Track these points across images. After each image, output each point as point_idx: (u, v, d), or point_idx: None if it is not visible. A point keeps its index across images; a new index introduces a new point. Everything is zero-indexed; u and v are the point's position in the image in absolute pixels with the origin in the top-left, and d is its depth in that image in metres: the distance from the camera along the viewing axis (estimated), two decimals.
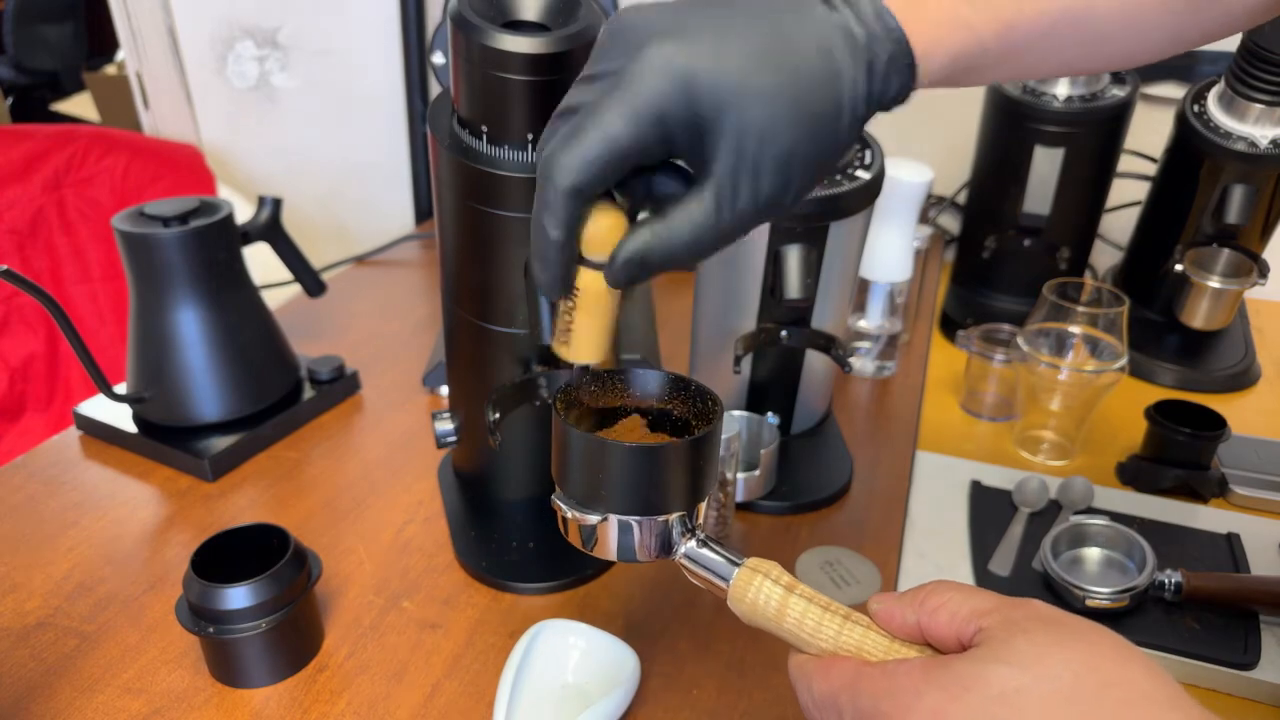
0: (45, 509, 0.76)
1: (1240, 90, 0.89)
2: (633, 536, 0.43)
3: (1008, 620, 0.34)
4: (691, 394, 0.46)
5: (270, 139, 1.49)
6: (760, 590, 0.40)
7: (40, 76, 3.28)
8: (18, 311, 1.44)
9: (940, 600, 0.36)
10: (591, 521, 0.43)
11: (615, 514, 0.43)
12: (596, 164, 0.37)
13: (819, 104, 0.37)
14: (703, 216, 0.38)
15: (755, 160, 0.36)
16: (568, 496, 0.44)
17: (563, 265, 0.40)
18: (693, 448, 0.42)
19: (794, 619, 0.39)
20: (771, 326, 0.75)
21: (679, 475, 0.42)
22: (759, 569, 0.41)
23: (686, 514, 0.44)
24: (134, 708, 0.58)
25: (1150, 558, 0.68)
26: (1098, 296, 0.83)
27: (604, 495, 0.42)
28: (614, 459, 0.41)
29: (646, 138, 0.36)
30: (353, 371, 0.93)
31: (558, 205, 0.37)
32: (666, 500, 0.42)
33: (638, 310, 1.06)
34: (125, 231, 0.77)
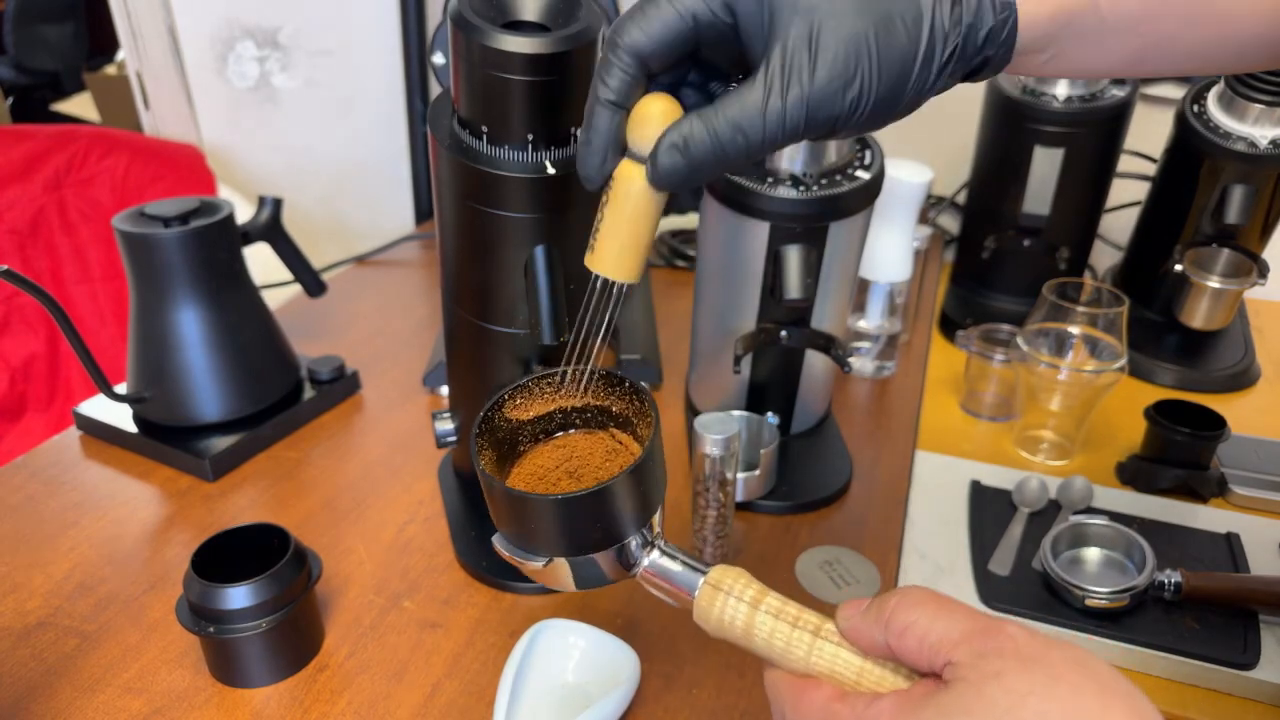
0: (46, 509, 0.76)
1: (1240, 90, 0.90)
2: (587, 569, 0.40)
3: (979, 655, 0.31)
4: (626, 390, 0.43)
5: (271, 139, 1.49)
6: (725, 607, 0.38)
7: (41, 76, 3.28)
8: (18, 311, 1.44)
9: (906, 621, 0.34)
10: (536, 566, 0.40)
11: (566, 556, 0.39)
12: (662, 29, 0.36)
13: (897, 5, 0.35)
14: (753, 95, 0.36)
15: (814, 39, 0.35)
16: (507, 540, 0.41)
17: (605, 140, 0.38)
18: (631, 477, 0.38)
19: (762, 637, 0.37)
20: (771, 326, 0.75)
21: (623, 506, 0.39)
22: (721, 585, 0.38)
23: (643, 531, 0.40)
24: (134, 707, 0.58)
25: (1150, 557, 0.68)
26: (1097, 296, 0.83)
27: (543, 543, 0.39)
28: (543, 512, 0.38)
29: (717, 8, 0.36)
30: (353, 371, 0.93)
31: (616, 63, 0.37)
32: (614, 533, 0.39)
33: (638, 310, 1.06)
34: (126, 232, 0.77)
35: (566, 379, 0.44)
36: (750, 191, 0.68)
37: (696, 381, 0.86)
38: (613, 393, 0.44)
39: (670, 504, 0.78)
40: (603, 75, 0.37)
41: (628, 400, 0.43)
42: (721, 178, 0.69)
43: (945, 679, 0.32)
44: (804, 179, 0.68)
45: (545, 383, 0.44)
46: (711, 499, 0.65)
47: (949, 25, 0.36)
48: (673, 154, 0.37)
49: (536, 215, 0.55)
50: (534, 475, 0.43)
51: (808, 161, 0.68)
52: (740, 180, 0.68)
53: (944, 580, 0.71)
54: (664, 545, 0.41)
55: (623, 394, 0.43)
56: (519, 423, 0.43)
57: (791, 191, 0.67)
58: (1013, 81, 0.99)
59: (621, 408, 0.43)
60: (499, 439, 0.43)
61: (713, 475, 0.64)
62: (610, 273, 0.40)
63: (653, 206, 0.39)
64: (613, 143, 0.38)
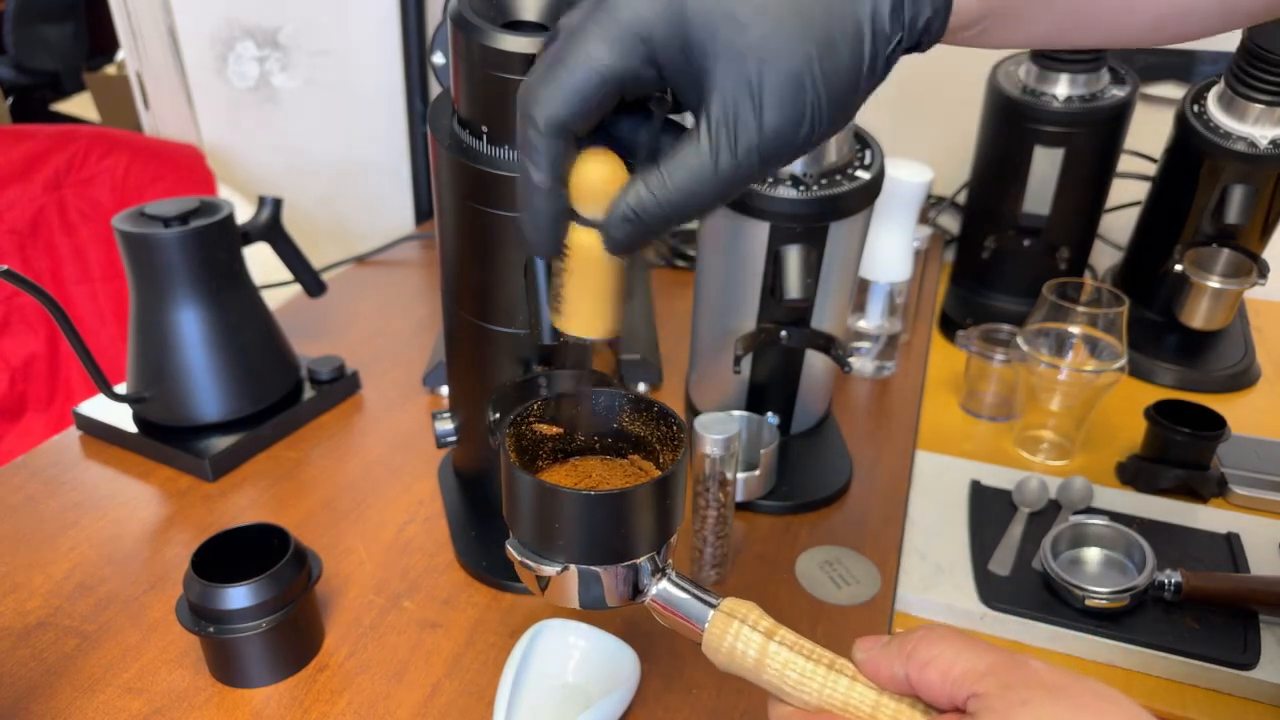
0: (46, 509, 0.76)
1: (1240, 90, 0.90)
2: (598, 585, 0.39)
3: (1006, 685, 0.31)
4: (655, 415, 0.42)
5: (270, 139, 1.49)
6: (738, 637, 0.37)
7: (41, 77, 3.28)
8: (18, 311, 1.44)
9: (929, 655, 0.33)
10: (549, 573, 0.39)
11: (575, 564, 0.39)
12: (578, 92, 0.32)
13: (831, 17, 0.32)
14: (700, 157, 0.33)
15: (754, 85, 0.32)
16: (521, 544, 0.40)
17: (549, 218, 0.35)
18: (658, 488, 0.38)
19: (775, 670, 0.36)
20: (771, 326, 0.75)
21: (644, 518, 0.38)
22: (735, 614, 0.38)
23: (655, 553, 0.40)
24: (134, 707, 0.58)
25: (1150, 557, 0.68)
26: (1097, 296, 0.83)
27: (561, 545, 0.38)
28: (570, 508, 0.38)
29: (632, 61, 0.32)
30: (353, 371, 0.93)
31: (539, 143, 0.33)
32: (632, 545, 0.39)
33: (638, 310, 1.06)
34: (126, 232, 0.77)
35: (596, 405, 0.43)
36: (750, 191, 0.68)
37: (696, 381, 0.86)
38: (639, 417, 0.43)
39: None
40: (529, 156, 0.34)
41: (653, 425, 0.43)
42: None
43: (969, 711, 0.32)
44: (804, 179, 0.68)
45: (576, 402, 0.43)
46: (711, 499, 0.65)
47: (890, 27, 0.34)
48: (626, 226, 0.34)
49: None
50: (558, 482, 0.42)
51: (808, 161, 0.68)
52: None
53: (944, 580, 0.71)
54: (674, 575, 0.41)
55: (649, 419, 0.43)
56: (542, 436, 0.43)
57: (791, 191, 0.67)
58: (1013, 81, 0.99)
59: (645, 432, 0.43)
60: (522, 445, 0.42)
61: (713, 475, 0.64)
62: (584, 332, 0.39)
63: (615, 264, 0.37)
64: (558, 217, 0.35)
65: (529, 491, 0.39)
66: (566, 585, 0.40)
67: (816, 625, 0.65)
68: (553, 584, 0.40)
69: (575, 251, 0.36)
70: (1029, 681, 0.31)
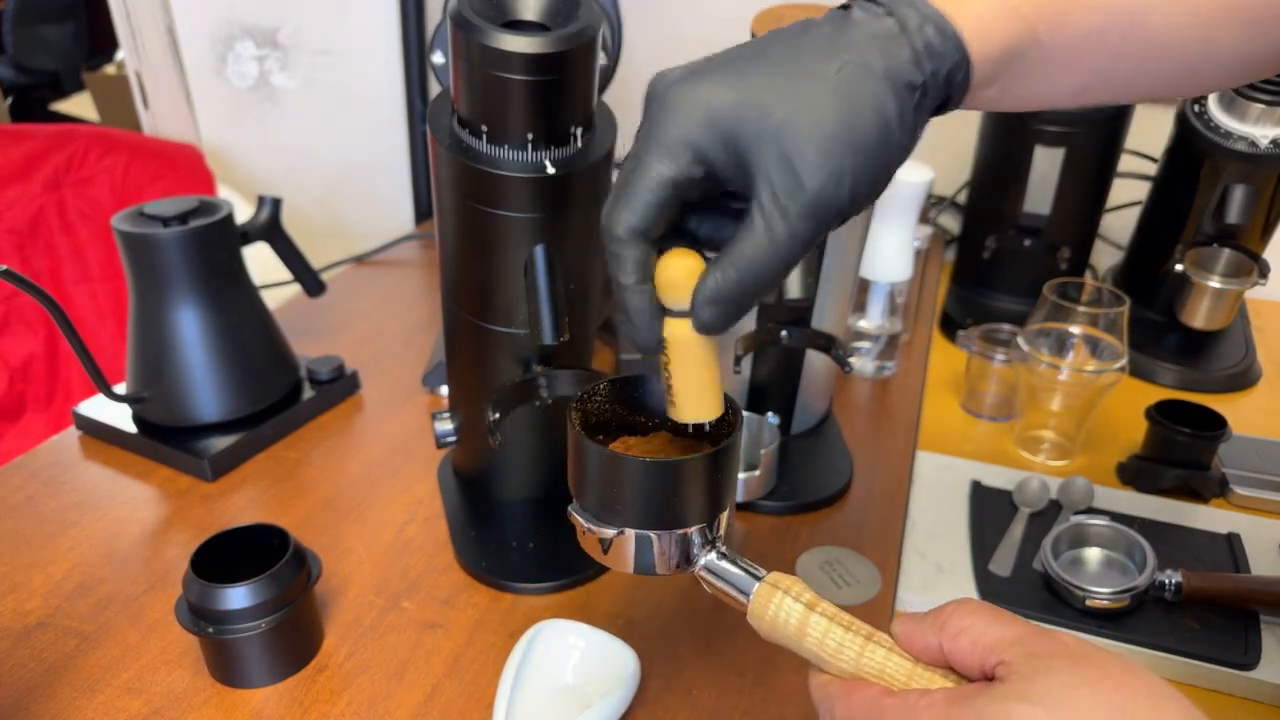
0: (45, 509, 0.76)
1: (1241, 90, 0.89)
2: (651, 550, 0.42)
3: (1032, 654, 0.32)
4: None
5: (270, 139, 1.49)
6: (780, 607, 0.39)
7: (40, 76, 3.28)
8: (17, 312, 1.44)
9: (962, 624, 0.35)
10: (608, 535, 0.42)
11: (632, 528, 0.42)
12: (644, 202, 0.37)
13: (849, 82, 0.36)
14: (758, 234, 0.36)
15: (791, 156, 0.35)
16: (583, 508, 0.43)
17: (644, 316, 0.39)
18: (712, 462, 0.41)
19: (815, 638, 0.38)
20: (772, 326, 0.75)
21: (698, 489, 0.41)
22: (779, 585, 0.40)
23: (706, 526, 0.42)
24: (134, 708, 0.58)
25: (1150, 558, 0.68)
26: (1098, 296, 0.83)
27: (621, 509, 0.41)
28: (631, 474, 0.41)
29: (684, 167, 0.37)
30: (352, 371, 0.93)
31: (622, 251, 0.38)
32: (685, 514, 0.41)
33: None
34: (125, 231, 0.77)
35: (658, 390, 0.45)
36: None
37: None
38: None
39: None
40: (618, 267, 0.38)
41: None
42: None
43: (998, 676, 0.33)
44: None
45: (636, 388, 0.45)
46: None
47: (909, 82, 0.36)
48: (711, 309, 0.38)
49: (536, 215, 0.55)
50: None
51: None
52: None
53: (944, 580, 0.71)
54: (723, 547, 0.43)
55: None
56: (606, 414, 0.46)
57: None
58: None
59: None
60: (589, 421, 0.45)
61: None
62: (698, 417, 0.42)
63: (711, 346, 0.41)
64: (653, 313, 0.39)
65: (595, 459, 0.41)
66: (624, 549, 0.43)
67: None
68: (612, 547, 0.43)
69: (672, 343, 0.40)
70: (1054, 650, 0.32)
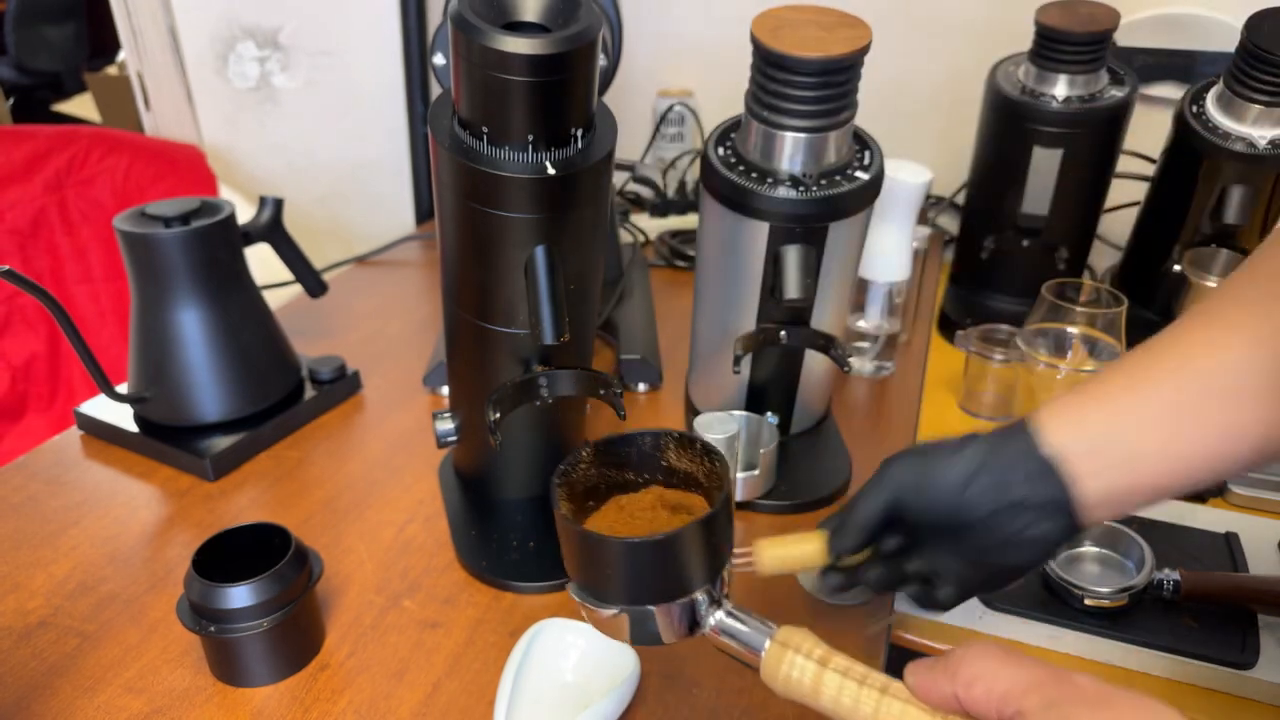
0: (47, 509, 0.77)
1: (1239, 91, 0.90)
2: (653, 624, 0.41)
3: (1048, 703, 0.32)
4: (699, 451, 0.44)
5: (271, 139, 1.49)
6: (793, 666, 0.39)
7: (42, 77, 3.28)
8: (19, 311, 1.45)
9: (973, 673, 0.35)
10: (608, 614, 0.41)
11: (632, 605, 0.41)
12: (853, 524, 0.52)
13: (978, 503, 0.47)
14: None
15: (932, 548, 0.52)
16: (581, 589, 0.42)
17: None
18: (702, 528, 0.40)
19: (830, 696, 0.38)
20: (771, 326, 0.75)
21: (692, 557, 0.40)
22: (789, 643, 0.39)
23: (710, 586, 0.41)
24: (135, 707, 0.58)
25: (1148, 557, 0.68)
26: (1096, 297, 0.83)
27: (616, 590, 0.40)
28: (617, 555, 0.39)
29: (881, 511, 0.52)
30: (354, 371, 0.94)
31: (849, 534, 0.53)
32: (684, 584, 0.40)
33: (638, 310, 1.06)
34: (127, 232, 0.77)
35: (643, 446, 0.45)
36: (750, 192, 0.68)
37: (696, 381, 0.86)
38: (684, 454, 0.45)
39: None
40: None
41: (699, 461, 0.44)
42: (720, 176, 0.70)
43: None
44: (803, 179, 0.68)
45: (619, 447, 0.45)
46: None
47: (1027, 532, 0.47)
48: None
49: (537, 215, 0.55)
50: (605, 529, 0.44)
51: (807, 162, 0.68)
52: (740, 180, 0.69)
53: None
54: (730, 605, 0.42)
55: (694, 455, 0.45)
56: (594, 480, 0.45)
57: (791, 192, 0.67)
58: (1012, 82, 0.99)
59: (693, 468, 0.45)
60: (574, 492, 0.44)
61: None
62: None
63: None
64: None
65: (578, 541, 0.40)
66: (624, 626, 0.41)
67: (816, 625, 0.64)
68: (612, 624, 0.42)
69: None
70: (1072, 697, 0.32)
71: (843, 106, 0.67)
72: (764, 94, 0.67)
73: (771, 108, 0.67)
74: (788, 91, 0.65)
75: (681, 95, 1.42)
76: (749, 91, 0.69)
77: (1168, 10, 1.13)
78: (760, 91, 0.67)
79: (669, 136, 1.44)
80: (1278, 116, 0.89)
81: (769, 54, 0.64)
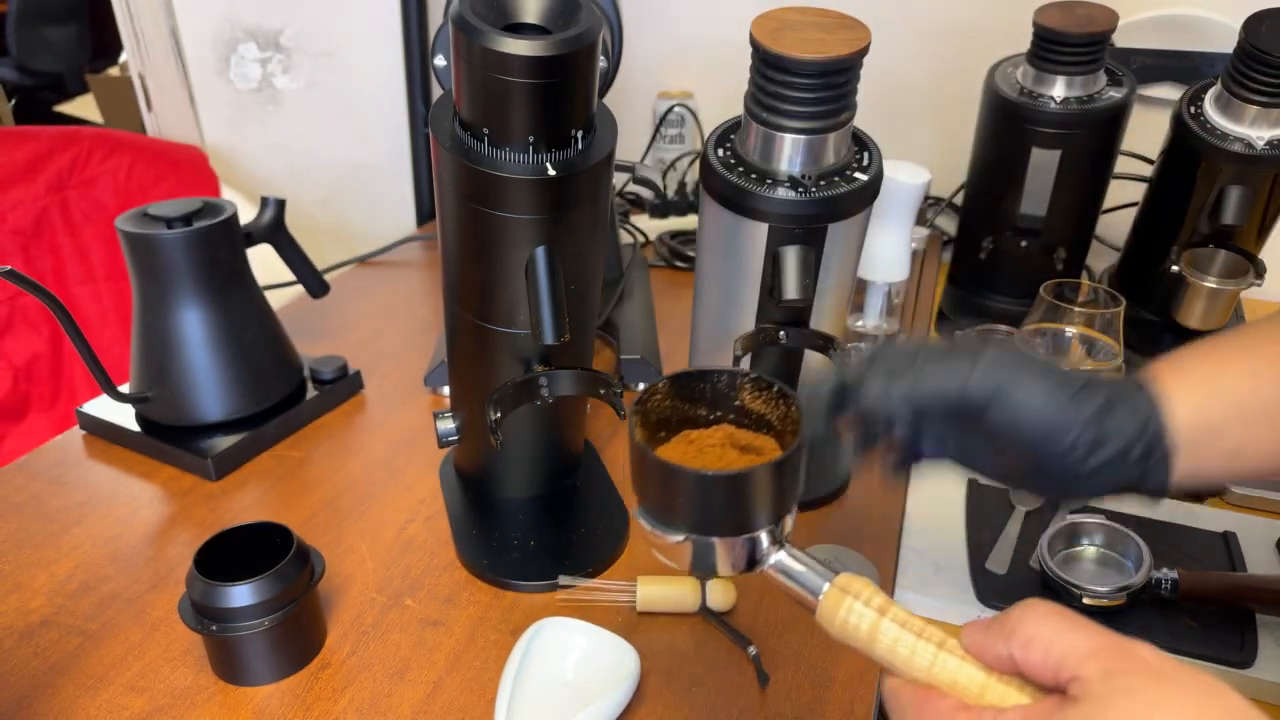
0: (49, 508, 0.77)
1: (1237, 92, 0.90)
2: (713, 555, 0.42)
3: (1108, 671, 0.31)
4: (775, 395, 0.45)
5: (273, 140, 1.50)
6: (851, 612, 0.39)
7: (44, 78, 3.29)
8: (21, 312, 1.45)
9: (1031, 633, 0.34)
10: (673, 540, 0.42)
11: (697, 534, 0.41)
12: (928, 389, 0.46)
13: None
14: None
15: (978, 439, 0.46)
16: (647, 513, 0.43)
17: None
18: (775, 470, 0.41)
19: (886, 645, 0.37)
20: (770, 327, 0.75)
21: (763, 495, 0.41)
22: (849, 589, 0.39)
23: (773, 527, 0.42)
24: (137, 706, 0.59)
25: (1147, 556, 0.68)
26: (1094, 297, 0.83)
27: (684, 518, 0.41)
28: (689, 485, 0.40)
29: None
30: (355, 371, 0.94)
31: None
32: (750, 520, 0.41)
33: (638, 310, 1.06)
34: (129, 232, 0.77)
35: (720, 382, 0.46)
36: (749, 193, 0.68)
37: None
38: (759, 396, 0.46)
39: None
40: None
41: (773, 405, 0.45)
42: (720, 177, 0.70)
43: (1071, 694, 0.32)
44: (802, 180, 0.68)
45: (698, 383, 0.46)
46: None
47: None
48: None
49: (537, 216, 0.55)
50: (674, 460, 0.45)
51: (806, 163, 0.69)
52: (739, 181, 0.69)
53: (941, 578, 0.71)
54: (791, 548, 0.43)
55: (770, 398, 0.46)
56: (668, 412, 0.46)
57: (790, 193, 0.68)
58: (1010, 83, 0.99)
59: (766, 410, 0.46)
60: (649, 421, 0.45)
61: None
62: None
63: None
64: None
65: (652, 468, 0.41)
66: (686, 553, 0.42)
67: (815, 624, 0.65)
68: (676, 550, 0.42)
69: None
70: (1132, 667, 0.31)
71: (842, 108, 0.67)
72: (763, 95, 0.67)
73: (771, 109, 0.67)
74: (787, 93, 0.66)
75: (681, 97, 1.42)
76: (748, 93, 0.69)
77: (1166, 11, 1.13)
78: (759, 93, 0.68)
79: (669, 138, 1.44)
80: (1275, 117, 0.89)
81: (768, 55, 0.65)
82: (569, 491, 0.78)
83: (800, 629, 0.65)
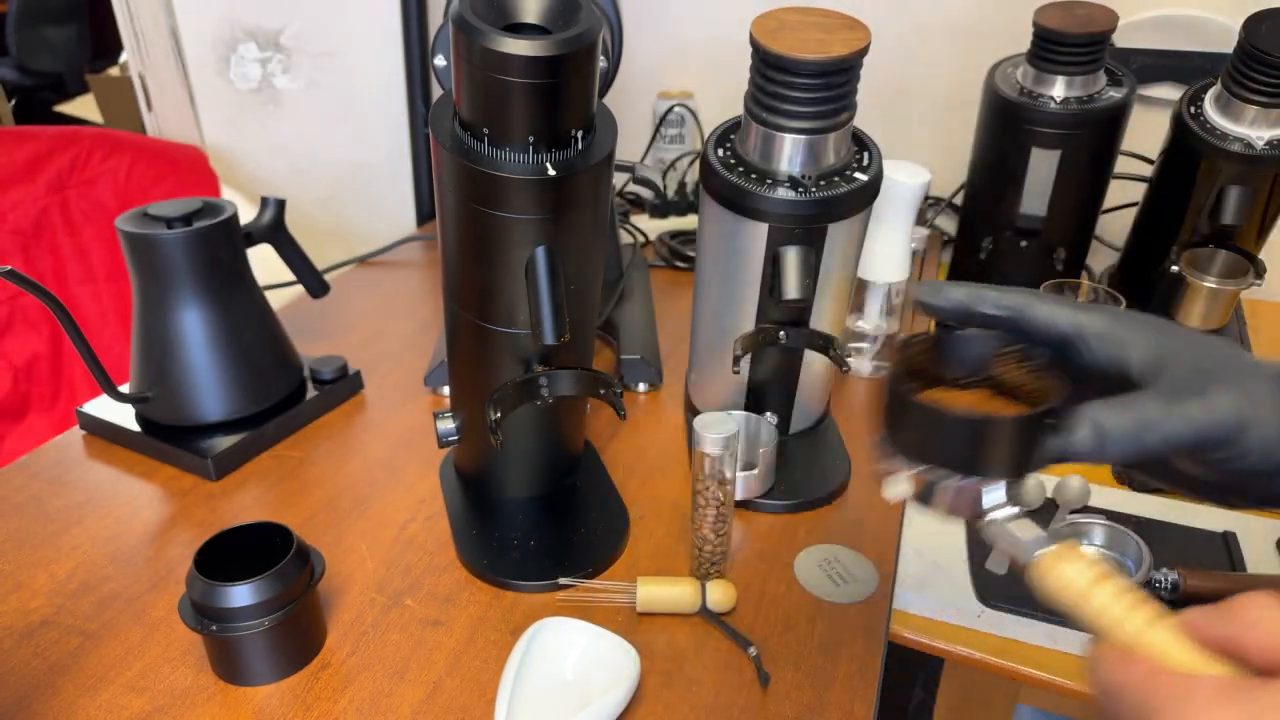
0: (49, 508, 0.77)
1: (1236, 92, 0.90)
2: (949, 494, 0.43)
3: None
4: (1031, 367, 0.46)
5: (273, 140, 1.50)
6: (1069, 568, 0.39)
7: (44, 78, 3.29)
8: (21, 312, 1.45)
9: (1255, 617, 0.33)
10: (910, 472, 0.44)
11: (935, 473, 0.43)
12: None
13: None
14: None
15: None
16: (890, 444, 0.45)
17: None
18: (1022, 425, 0.42)
19: (1100, 603, 0.37)
20: (770, 326, 0.75)
21: (1001, 448, 0.42)
22: (1070, 552, 0.40)
23: (1010, 482, 0.43)
24: (137, 706, 0.59)
25: (1147, 556, 0.68)
26: (1094, 297, 0.84)
27: (930, 455, 0.43)
28: (944, 425, 0.42)
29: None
30: (355, 371, 0.94)
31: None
32: (991, 467, 0.43)
33: (638, 310, 1.07)
34: (129, 232, 0.77)
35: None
36: (749, 193, 0.68)
37: (696, 381, 0.87)
38: (1014, 367, 0.47)
39: (670, 502, 0.78)
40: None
41: (1027, 375, 0.46)
42: (720, 177, 0.70)
43: None
44: (803, 181, 0.68)
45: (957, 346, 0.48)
46: (711, 498, 0.66)
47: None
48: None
49: (537, 216, 0.55)
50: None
51: (806, 163, 0.69)
52: (739, 182, 0.69)
53: (941, 578, 0.71)
54: (1018, 507, 0.44)
55: (1024, 370, 0.46)
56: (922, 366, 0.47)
57: (790, 193, 0.68)
58: (1010, 83, 0.99)
59: (1019, 381, 0.47)
60: (909, 369, 0.47)
61: (712, 474, 0.65)
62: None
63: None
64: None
65: (910, 403, 0.43)
66: (922, 490, 0.44)
67: (815, 623, 0.65)
68: (916, 488, 0.44)
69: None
70: None
71: (842, 108, 0.67)
72: (763, 95, 0.67)
73: (771, 109, 0.67)
74: (787, 93, 0.66)
75: (681, 97, 1.42)
76: (748, 93, 0.69)
77: (1165, 11, 1.13)
78: (759, 93, 0.68)
79: (669, 138, 1.44)
80: (1275, 117, 0.89)
81: (768, 55, 0.65)
82: (569, 491, 0.78)
83: (800, 629, 0.65)
